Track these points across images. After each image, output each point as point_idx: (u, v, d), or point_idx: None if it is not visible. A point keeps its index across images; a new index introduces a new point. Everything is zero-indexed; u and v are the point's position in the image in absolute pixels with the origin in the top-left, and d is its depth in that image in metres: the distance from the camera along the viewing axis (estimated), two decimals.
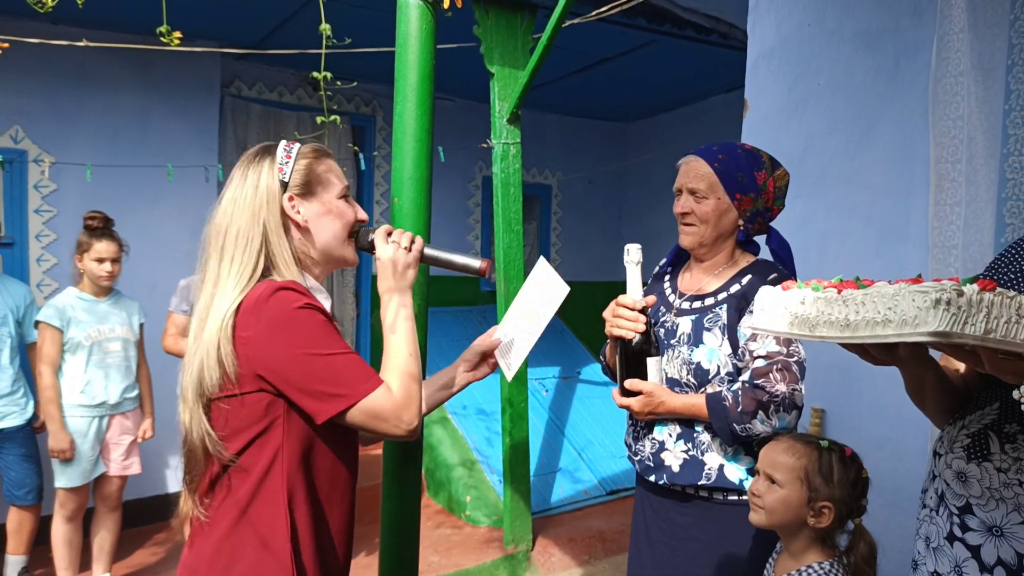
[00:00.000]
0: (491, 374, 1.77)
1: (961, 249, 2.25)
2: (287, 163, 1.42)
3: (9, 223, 4.29)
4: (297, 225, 1.43)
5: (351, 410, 1.30)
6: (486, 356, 1.76)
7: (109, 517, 3.54)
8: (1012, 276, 1.37)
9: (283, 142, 1.46)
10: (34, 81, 4.32)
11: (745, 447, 1.78)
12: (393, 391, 1.34)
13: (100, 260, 3.32)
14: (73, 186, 4.38)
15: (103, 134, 4.52)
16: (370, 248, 1.53)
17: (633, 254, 1.79)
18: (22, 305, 3.49)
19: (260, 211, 1.38)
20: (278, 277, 1.38)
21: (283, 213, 1.41)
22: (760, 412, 1.68)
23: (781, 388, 1.69)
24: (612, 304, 1.84)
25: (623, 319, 1.78)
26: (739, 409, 1.69)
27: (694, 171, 1.85)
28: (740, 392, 1.70)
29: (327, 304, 1.44)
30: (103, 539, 3.55)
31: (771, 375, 1.69)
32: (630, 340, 1.79)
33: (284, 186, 1.41)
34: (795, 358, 1.72)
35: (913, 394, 1.45)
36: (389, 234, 1.52)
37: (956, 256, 2.27)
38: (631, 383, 1.80)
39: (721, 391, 1.75)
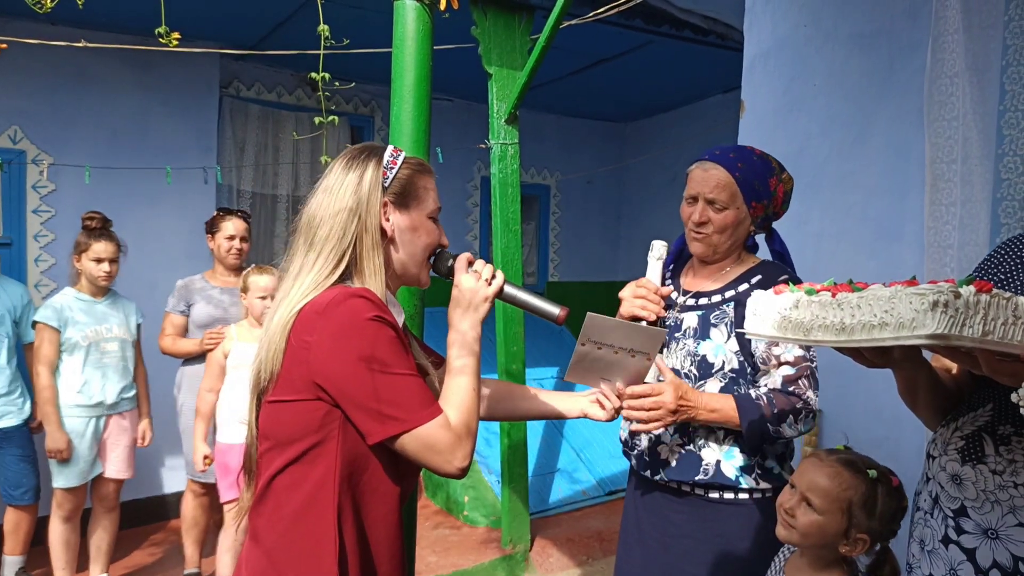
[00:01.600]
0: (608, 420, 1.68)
1: (956, 249, 2.26)
2: (392, 168, 1.37)
3: (7, 223, 4.30)
4: (383, 233, 1.37)
5: (405, 436, 1.23)
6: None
7: (106, 517, 3.54)
8: (1002, 276, 1.37)
9: (391, 147, 1.42)
10: (33, 81, 4.32)
11: (739, 444, 1.78)
12: (452, 424, 1.27)
13: (98, 260, 3.33)
14: (71, 186, 4.39)
15: (102, 134, 4.53)
16: (447, 274, 1.47)
17: (657, 250, 1.84)
18: (19, 305, 3.50)
19: (357, 210, 1.33)
20: (358, 283, 1.33)
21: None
22: (790, 417, 1.68)
23: (810, 395, 1.70)
24: (631, 285, 1.84)
25: (644, 300, 1.79)
26: (775, 412, 1.67)
27: (714, 180, 1.78)
28: (772, 396, 1.70)
29: (400, 319, 1.38)
30: (100, 539, 3.55)
31: (801, 382, 1.70)
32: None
33: (383, 190, 1.36)
34: (815, 363, 1.74)
35: (906, 395, 1.44)
36: (470, 263, 1.45)
37: (952, 256, 2.28)
38: (639, 390, 1.68)
39: (751, 393, 1.72)
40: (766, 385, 1.74)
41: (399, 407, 1.23)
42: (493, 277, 1.43)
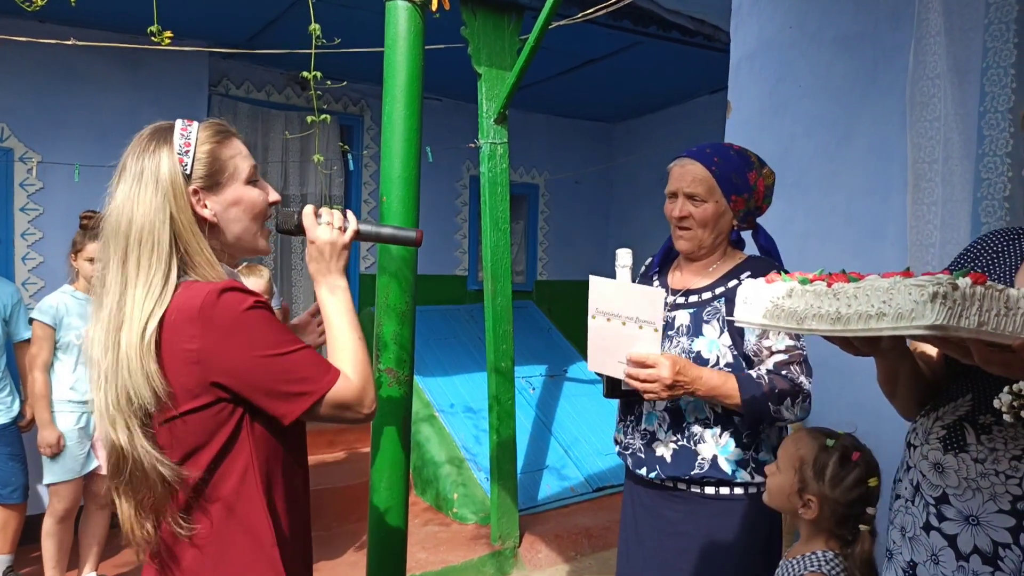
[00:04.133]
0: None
1: (938, 248, 2.30)
2: (187, 152, 1.28)
3: None
4: (204, 220, 1.31)
5: (317, 404, 1.26)
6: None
7: (98, 515, 3.54)
8: (979, 270, 1.41)
9: (179, 123, 1.30)
10: (21, 79, 4.31)
11: (735, 439, 1.80)
12: (351, 378, 1.30)
13: (92, 260, 3.32)
14: (60, 185, 4.38)
15: (90, 133, 4.52)
16: (296, 231, 1.41)
17: (622, 259, 1.84)
18: (9, 304, 3.49)
19: (165, 208, 1.25)
20: (198, 277, 1.27)
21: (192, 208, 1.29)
22: (788, 399, 1.71)
23: (804, 380, 1.74)
24: None
25: None
26: (776, 392, 1.70)
27: (691, 175, 1.83)
28: (772, 377, 1.73)
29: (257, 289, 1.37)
30: (92, 537, 3.54)
31: (793, 367, 1.74)
32: None
33: (187, 179, 1.28)
34: (806, 351, 1.77)
35: (885, 384, 1.46)
36: (317, 215, 1.39)
37: (933, 255, 2.32)
38: (638, 354, 1.70)
39: (751, 373, 1.76)
40: (764, 369, 1.76)
41: (304, 382, 1.25)
42: (345, 221, 1.40)
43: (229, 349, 1.21)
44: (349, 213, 1.42)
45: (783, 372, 1.73)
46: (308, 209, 1.40)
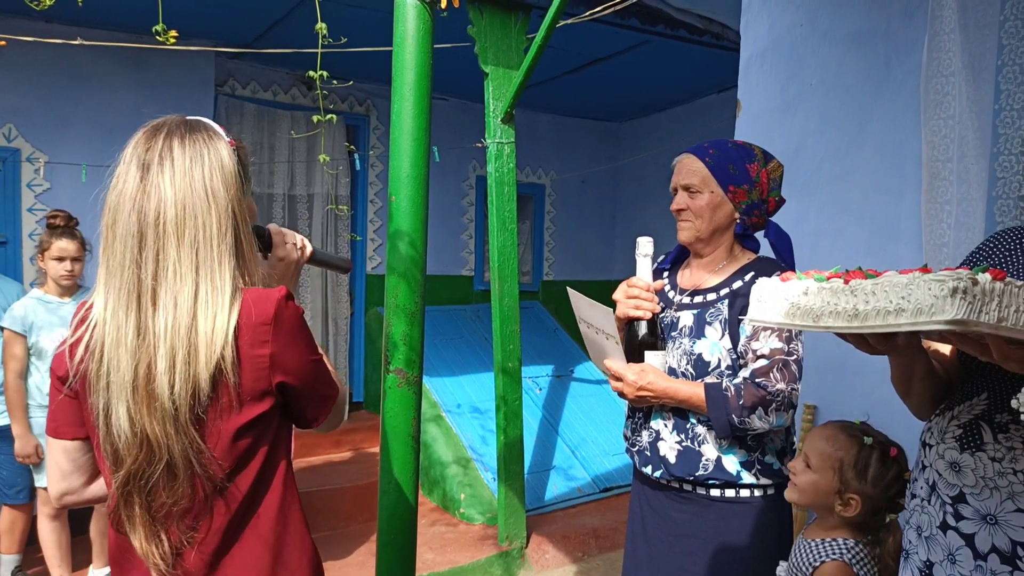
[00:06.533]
0: None
1: (952, 247, 2.28)
2: (234, 148, 1.28)
3: (2, 222, 4.28)
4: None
5: (332, 407, 1.35)
6: None
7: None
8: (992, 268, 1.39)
9: (206, 120, 1.31)
10: (27, 79, 4.31)
11: (739, 441, 1.79)
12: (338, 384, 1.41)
13: (59, 259, 3.24)
14: (67, 185, 4.38)
15: (97, 133, 4.52)
16: (264, 247, 1.44)
17: (643, 247, 1.86)
18: None
19: (231, 198, 1.21)
20: (248, 277, 1.24)
21: None
22: (760, 409, 1.69)
23: (781, 387, 1.70)
24: (623, 286, 1.87)
25: (639, 299, 1.81)
26: (740, 403, 1.70)
27: (686, 168, 1.87)
28: (742, 386, 1.71)
29: None
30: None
31: (771, 374, 1.70)
32: (637, 332, 1.82)
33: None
34: (794, 356, 1.74)
35: (899, 384, 1.45)
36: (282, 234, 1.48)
37: (947, 254, 2.30)
38: (610, 364, 1.84)
39: (722, 382, 1.75)
40: (742, 376, 1.76)
41: (331, 386, 1.33)
42: (303, 244, 1.50)
43: (296, 352, 1.24)
44: (306, 240, 1.51)
45: (758, 380, 1.71)
46: (276, 229, 1.47)
